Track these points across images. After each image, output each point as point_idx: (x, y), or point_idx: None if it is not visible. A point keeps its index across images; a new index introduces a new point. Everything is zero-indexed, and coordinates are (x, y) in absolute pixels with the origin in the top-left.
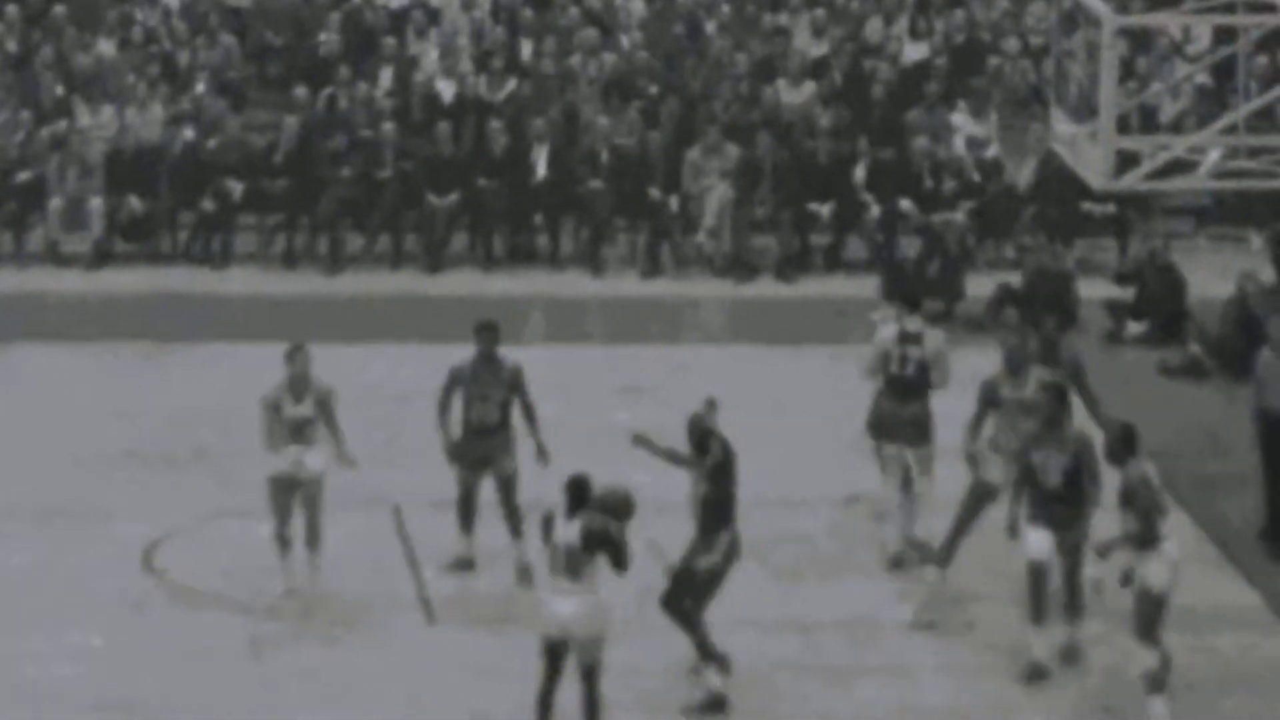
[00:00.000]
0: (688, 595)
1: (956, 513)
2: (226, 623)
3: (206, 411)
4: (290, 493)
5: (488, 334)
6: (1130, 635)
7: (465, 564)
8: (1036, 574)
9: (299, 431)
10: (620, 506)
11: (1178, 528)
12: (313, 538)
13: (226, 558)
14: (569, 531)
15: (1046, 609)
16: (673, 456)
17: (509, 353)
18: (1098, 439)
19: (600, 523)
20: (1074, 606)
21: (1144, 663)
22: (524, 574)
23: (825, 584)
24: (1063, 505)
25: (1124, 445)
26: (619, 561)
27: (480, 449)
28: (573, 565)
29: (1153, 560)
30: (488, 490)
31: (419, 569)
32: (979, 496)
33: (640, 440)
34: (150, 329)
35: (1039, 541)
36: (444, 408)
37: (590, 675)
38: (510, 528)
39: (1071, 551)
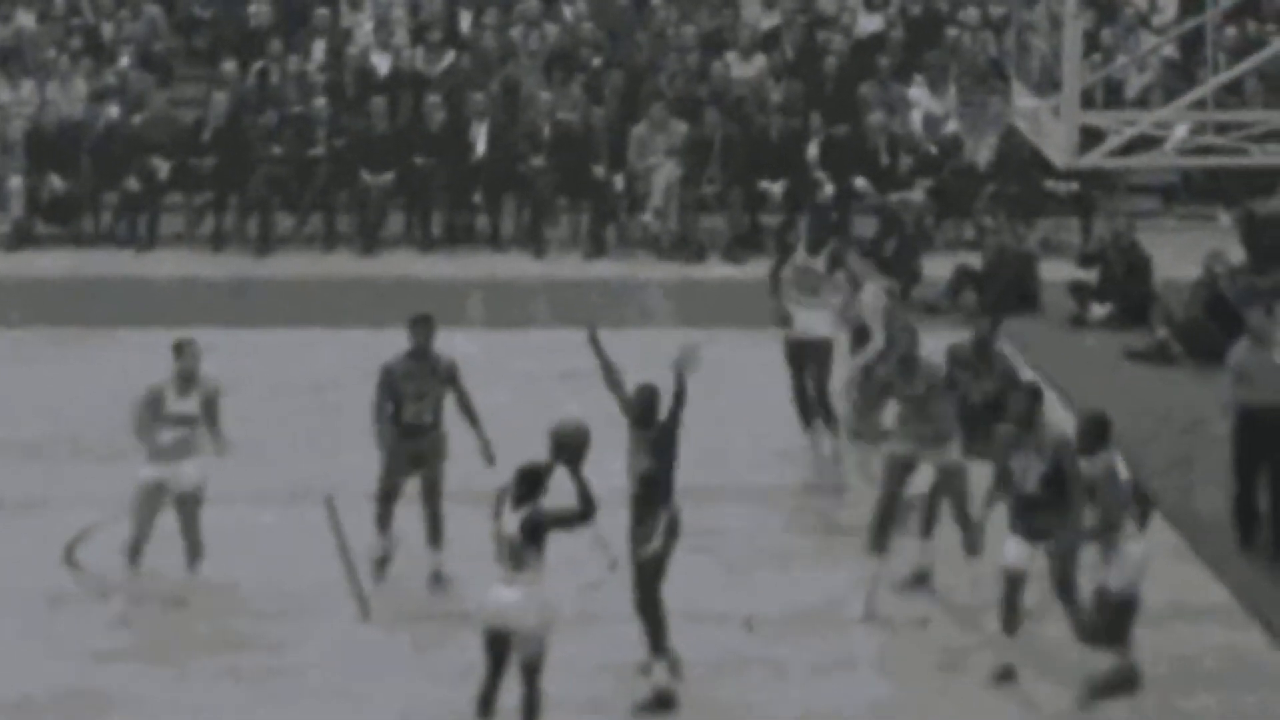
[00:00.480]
0: (639, 588)
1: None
2: (150, 618)
3: (132, 400)
4: (156, 503)
5: (423, 328)
6: (1084, 638)
7: (385, 563)
8: (1012, 582)
9: (178, 428)
10: (572, 440)
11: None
12: (193, 552)
13: (149, 551)
14: (512, 521)
15: (1020, 619)
16: (611, 377)
17: (452, 335)
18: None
19: (538, 515)
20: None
21: (1101, 664)
22: (437, 581)
23: (774, 575)
24: (1043, 512)
25: (1096, 436)
26: (578, 516)
27: (413, 449)
28: (515, 556)
29: (1114, 560)
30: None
31: (353, 563)
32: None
33: (594, 340)
34: (73, 314)
35: (1016, 549)
36: (380, 410)
37: (531, 671)
38: (431, 534)
39: (1059, 560)
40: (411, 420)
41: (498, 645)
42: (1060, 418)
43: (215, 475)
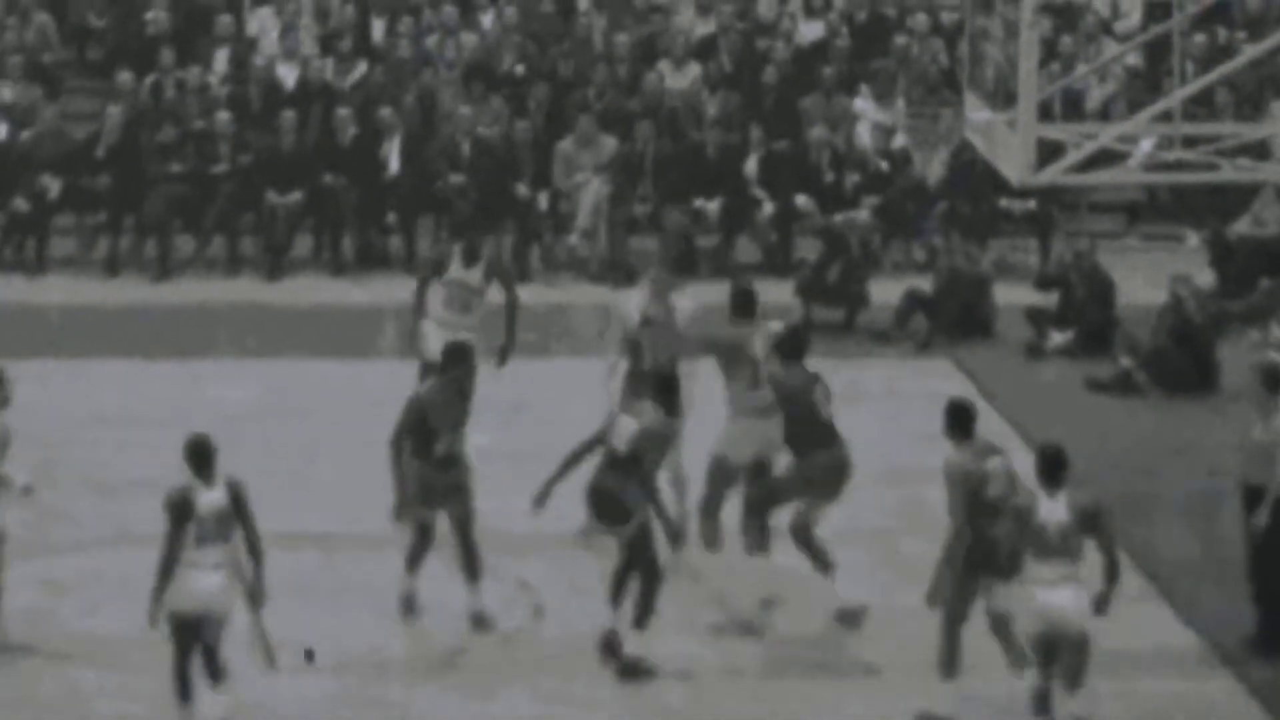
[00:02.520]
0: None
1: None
2: (38, 668)
3: (22, 435)
4: None
5: (461, 357)
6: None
7: (413, 603)
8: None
9: None
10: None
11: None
12: None
13: (33, 599)
14: (213, 497)
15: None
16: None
17: (366, 366)
18: None
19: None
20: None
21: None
22: (479, 622)
23: None
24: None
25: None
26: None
27: (448, 481)
28: (222, 532)
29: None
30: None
31: (259, 608)
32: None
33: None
34: None
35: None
36: (401, 443)
37: (212, 654)
38: (468, 571)
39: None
40: (445, 452)
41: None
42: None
43: (113, 512)
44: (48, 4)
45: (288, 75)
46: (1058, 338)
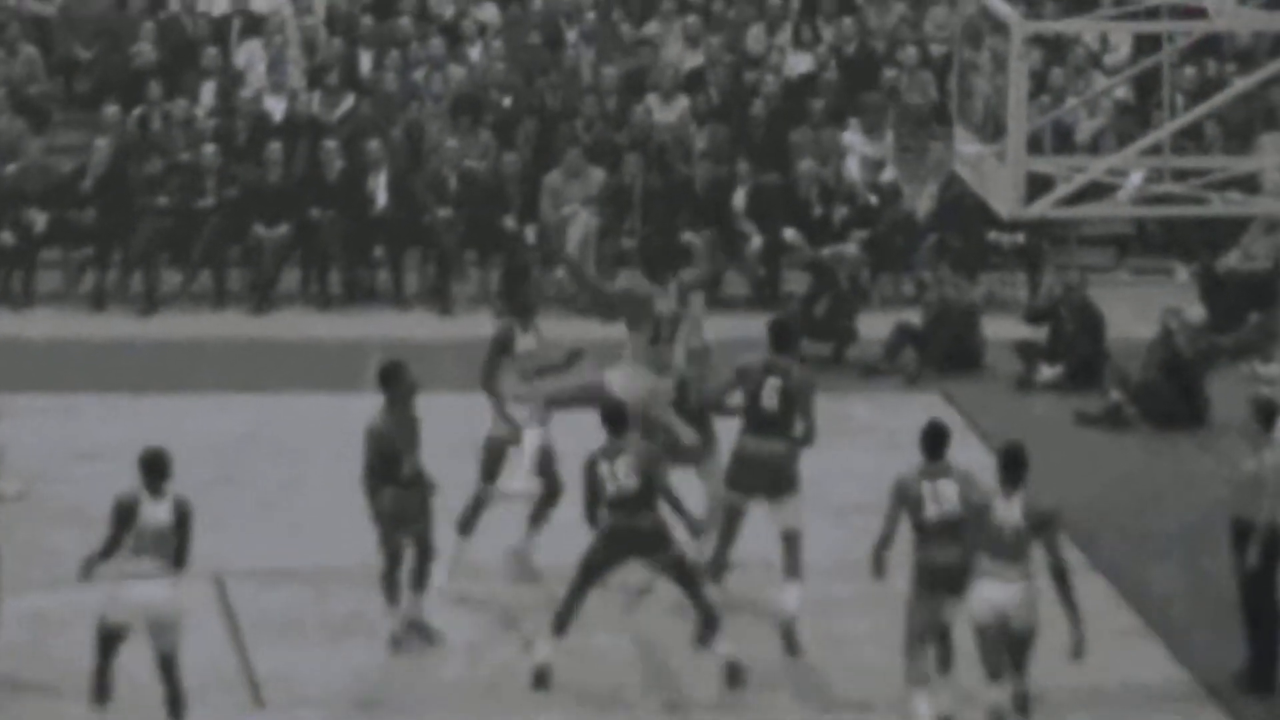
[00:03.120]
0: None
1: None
2: (28, 704)
3: (7, 471)
4: None
5: (399, 375)
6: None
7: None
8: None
9: None
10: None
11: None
12: None
13: (29, 637)
14: (158, 512)
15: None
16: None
17: (353, 401)
18: None
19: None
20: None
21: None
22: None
23: None
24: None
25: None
26: None
27: (412, 502)
28: (161, 546)
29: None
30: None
31: (244, 645)
32: None
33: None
34: None
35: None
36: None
37: (170, 664)
38: (418, 581)
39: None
40: (411, 473)
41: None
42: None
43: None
44: (34, 36)
45: (275, 108)
46: (1047, 371)
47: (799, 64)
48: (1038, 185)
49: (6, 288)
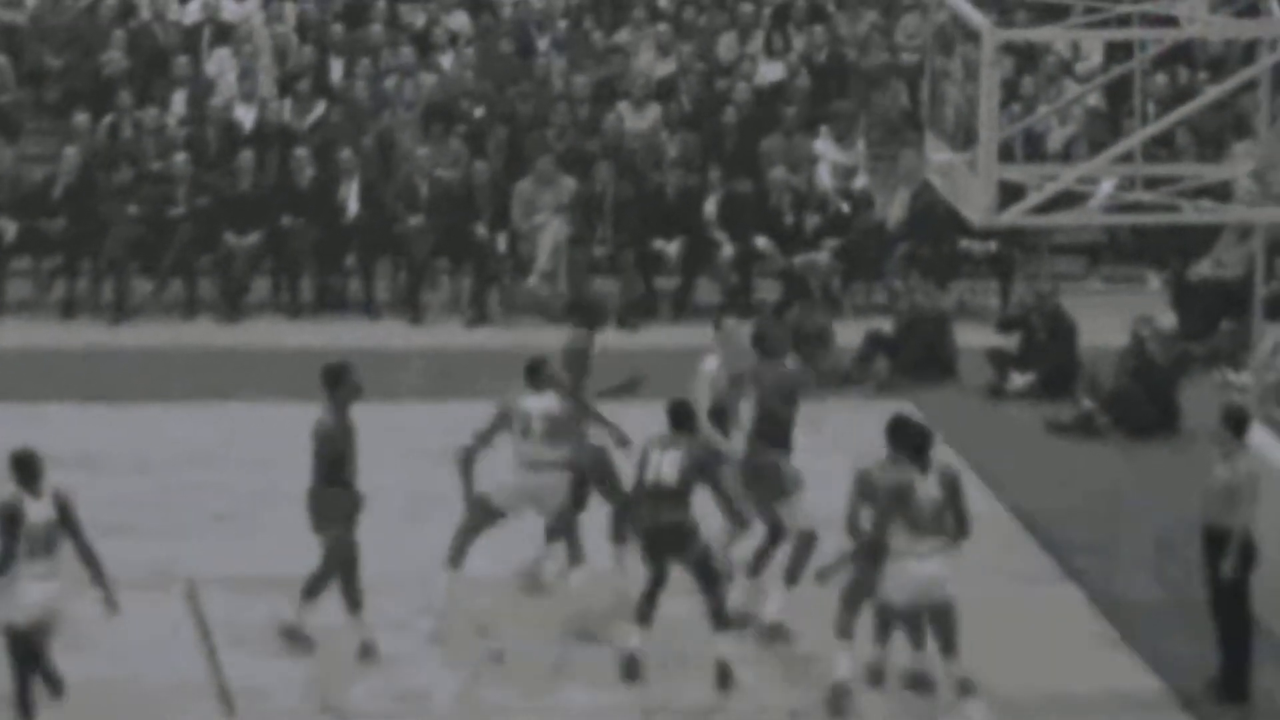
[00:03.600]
0: None
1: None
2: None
3: None
4: None
5: (344, 375)
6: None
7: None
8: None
9: None
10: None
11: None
12: None
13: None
14: (41, 511)
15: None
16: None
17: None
18: None
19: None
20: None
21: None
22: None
23: None
24: None
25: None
26: None
27: (357, 505)
28: (50, 544)
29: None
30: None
31: (215, 653)
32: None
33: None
34: None
35: None
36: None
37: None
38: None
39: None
40: (353, 477)
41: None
42: (976, 493)
43: (69, 557)
44: (3, 45)
45: (246, 116)
46: (1019, 379)
47: (770, 72)
48: (1009, 193)
49: None
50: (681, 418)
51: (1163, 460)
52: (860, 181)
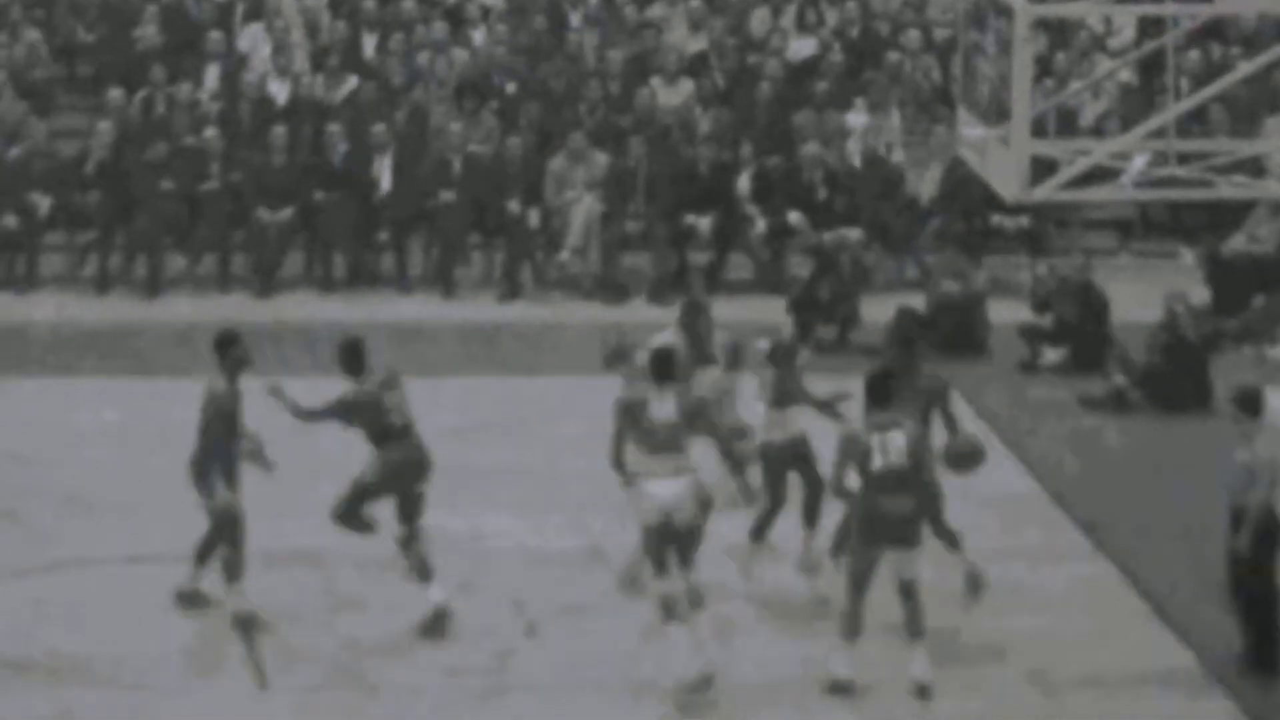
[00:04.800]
0: None
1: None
2: (29, 689)
3: (9, 454)
4: None
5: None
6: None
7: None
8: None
9: None
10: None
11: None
12: None
13: (29, 620)
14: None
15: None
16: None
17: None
18: None
19: None
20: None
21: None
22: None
23: None
24: None
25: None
26: None
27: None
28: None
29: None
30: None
31: (250, 626)
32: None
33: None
34: None
35: None
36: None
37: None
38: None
39: None
40: (238, 445)
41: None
42: (1009, 470)
43: (99, 532)
44: (37, 20)
45: (279, 92)
46: (1051, 355)
47: (803, 47)
48: (1042, 168)
49: (10, 271)
50: (881, 392)
51: (1195, 436)
52: (894, 156)
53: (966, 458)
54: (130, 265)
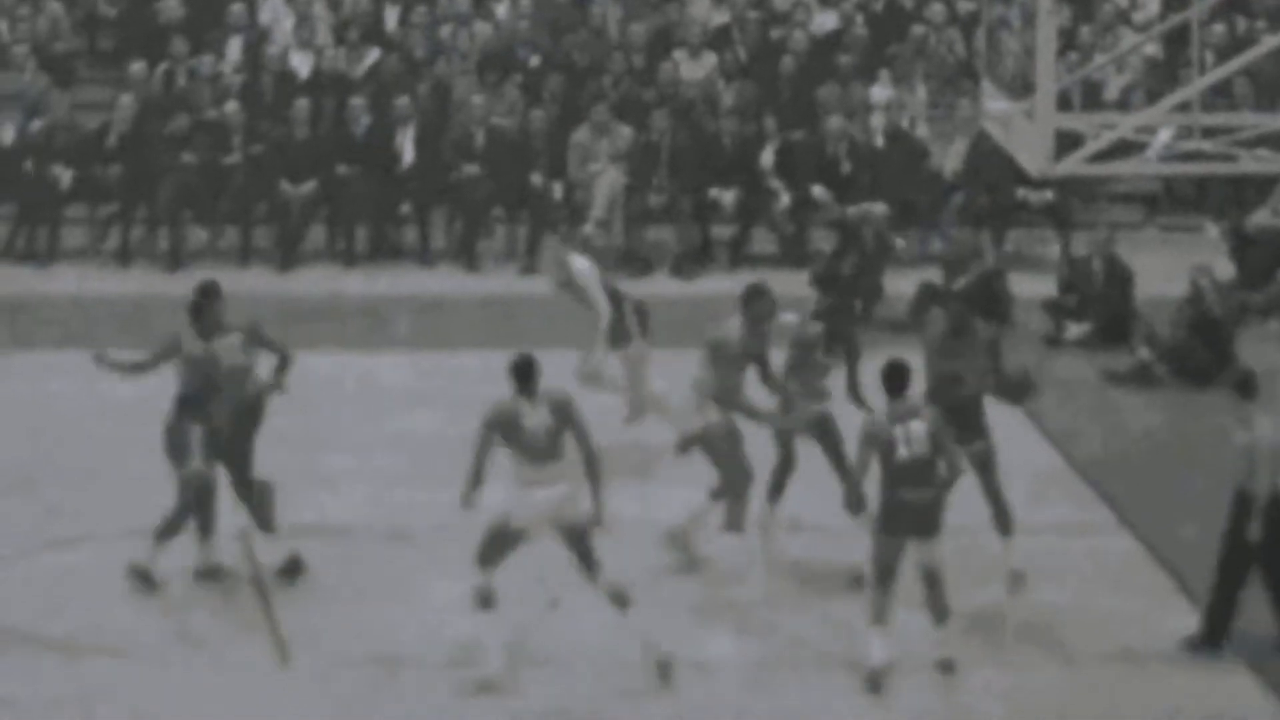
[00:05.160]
0: None
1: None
2: (50, 663)
3: (29, 428)
4: None
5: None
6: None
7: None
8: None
9: None
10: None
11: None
12: None
13: (46, 593)
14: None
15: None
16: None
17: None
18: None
19: None
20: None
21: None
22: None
23: None
24: None
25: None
26: None
27: None
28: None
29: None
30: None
31: (270, 602)
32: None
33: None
34: None
35: None
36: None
37: None
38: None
39: None
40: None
41: None
42: (1035, 444)
43: (119, 506)
44: None
45: (301, 65)
46: (1075, 329)
47: (826, 21)
48: (1066, 142)
49: (32, 244)
50: (898, 381)
51: (1219, 410)
52: (918, 130)
53: (1020, 388)
54: (152, 238)
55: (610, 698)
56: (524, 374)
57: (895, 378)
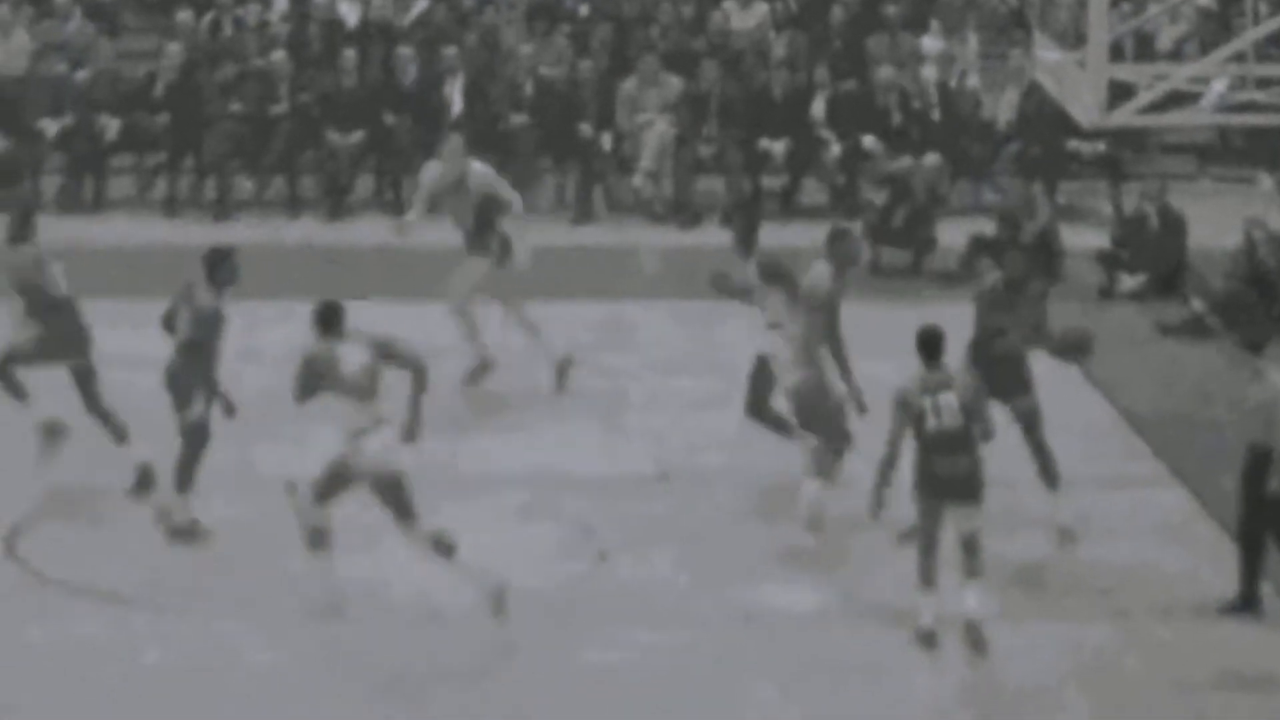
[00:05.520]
0: None
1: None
2: (79, 613)
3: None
4: None
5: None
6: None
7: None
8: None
9: None
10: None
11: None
12: None
13: (82, 543)
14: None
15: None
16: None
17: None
18: None
19: None
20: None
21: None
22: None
23: None
24: None
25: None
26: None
27: None
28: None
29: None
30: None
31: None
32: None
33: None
34: None
35: None
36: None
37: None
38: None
39: None
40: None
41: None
42: (1087, 397)
43: (161, 456)
44: None
45: (349, 14)
46: (1129, 281)
47: None
48: (1119, 93)
49: (79, 194)
50: (934, 348)
51: (1274, 362)
52: (970, 80)
53: (1076, 346)
54: (199, 188)
55: (665, 645)
56: (329, 318)
57: (930, 345)
